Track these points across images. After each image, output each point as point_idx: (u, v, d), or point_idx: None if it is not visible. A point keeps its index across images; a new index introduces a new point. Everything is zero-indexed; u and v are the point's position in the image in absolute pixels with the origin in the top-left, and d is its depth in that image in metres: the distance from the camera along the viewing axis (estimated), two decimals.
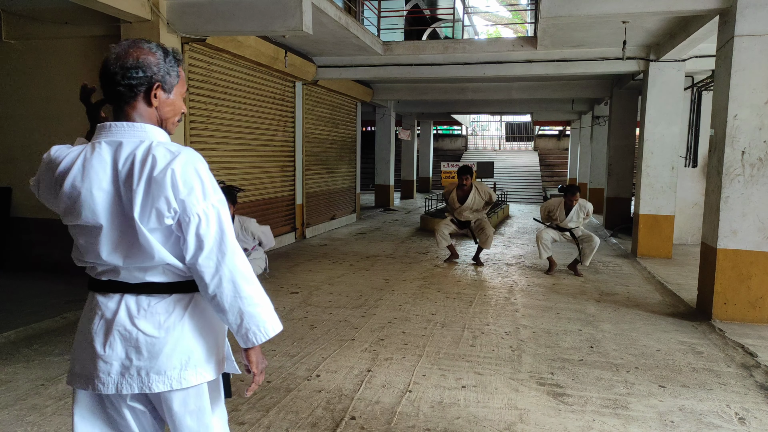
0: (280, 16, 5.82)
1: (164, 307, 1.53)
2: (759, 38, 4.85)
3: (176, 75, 1.59)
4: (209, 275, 1.48)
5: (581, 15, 5.71)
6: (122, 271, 1.52)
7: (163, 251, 1.48)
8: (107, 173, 1.47)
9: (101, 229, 1.48)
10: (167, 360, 1.51)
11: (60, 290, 5.74)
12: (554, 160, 26.89)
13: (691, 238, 9.74)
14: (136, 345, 1.50)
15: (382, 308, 5.40)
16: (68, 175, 1.49)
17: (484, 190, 7.63)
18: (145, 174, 1.43)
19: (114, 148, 1.49)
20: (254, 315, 1.53)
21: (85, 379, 1.54)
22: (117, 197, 1.47)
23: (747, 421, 3.15)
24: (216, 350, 1.61)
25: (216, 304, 1.51)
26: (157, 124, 1.57)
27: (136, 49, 1.51)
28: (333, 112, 11.81)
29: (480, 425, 3.04)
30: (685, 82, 8.68)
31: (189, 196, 1.45)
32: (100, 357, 1.51)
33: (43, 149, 6.65)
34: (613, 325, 4.96)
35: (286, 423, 3.02)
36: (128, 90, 1.50)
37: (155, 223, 1.45)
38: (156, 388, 1.51)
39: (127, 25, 5.97)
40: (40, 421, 3.03)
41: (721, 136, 5.07)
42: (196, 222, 1.46)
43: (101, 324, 1.53)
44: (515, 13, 27.70)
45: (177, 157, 1.46)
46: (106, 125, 1.53)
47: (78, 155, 1.51)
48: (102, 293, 1.55)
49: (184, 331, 1.54)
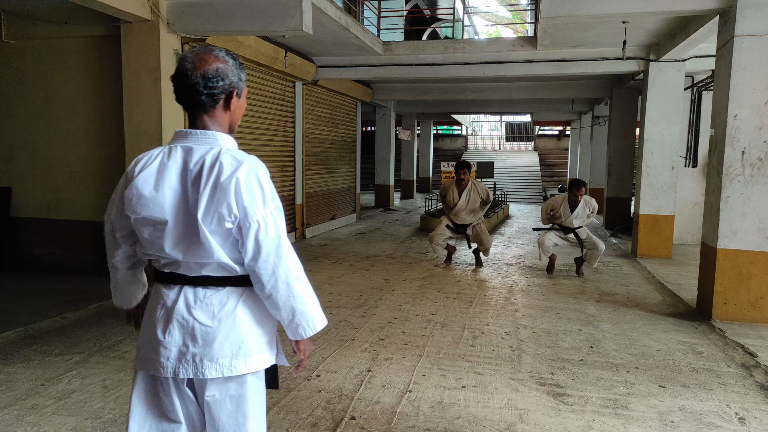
0: (280, 16, 5.82)
1: (218, 299, 1.63)
2: (759, 38, 4.85)
3: (244, 80, 1.71)
4: (266, 277, 1.58)
5: (581, 15, 5.71)
6: (182, 264, 1.63)
7: (219, 251, 1.58)
8: (178, 174, 1.59)
9: (166, 224, 1.59)
10: (219, 348, 1.61)
11: (60, 290, 5.74)
12: (554, 160, 26.89)
13: (691, 238, 9.74)
14: (192, 333, 1.61)
15: (382, 308, 5.40)
16: (145, 171, 1.61)
17: (482, 188, 7.46)
18: (212, 179, 1.54)
19: (186, 152, 1.61)
20: (304, 312, 1.65)
21: (149, 363, 1.66)
22: (184, 197, 1.58)
23: (747, 421, 3.15)
24: (265, 342, 1.70)
25: (271, 302, 1.63)
26: (228, 126, 1.69)
27: (212, 58, 1.60)
28: (333, 112, 11.81)
29: (480, 425, 3.04)
30: (685, 82, 8.68)
31: (250, 203, 1.55)
32: (161, 343, 1.63)
33: (43, 149, 6.67)
34: (613, 325, 4.96)
35: (286, 423, 3.02)
36: (210, 99, 1.61)
37: (216, 225, 1.56)
38: (209, 374, 1.60)
39: (127, 25, 5.97)
40: (40, 421, 3.03)
41: (721, 136, 5.07)
42: (256, 228, 1.56)
43: (163, 312, 1.65)
44: (515, 13, 27.70)
45: (241, 165, 1.56)
46: (183, 131, 1.65)
47: (158, 155, 1.64)
48: (164, 284, 1.68)
49: (235, 322, 1.63)
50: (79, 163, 6.58)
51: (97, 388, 3.46)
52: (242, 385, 1.66)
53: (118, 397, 3.32)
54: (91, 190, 6.58)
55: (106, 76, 6.35)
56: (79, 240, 6.65)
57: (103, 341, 4.33)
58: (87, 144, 6.54)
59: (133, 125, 6.14)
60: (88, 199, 6.55)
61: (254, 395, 1.69)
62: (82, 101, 6.50)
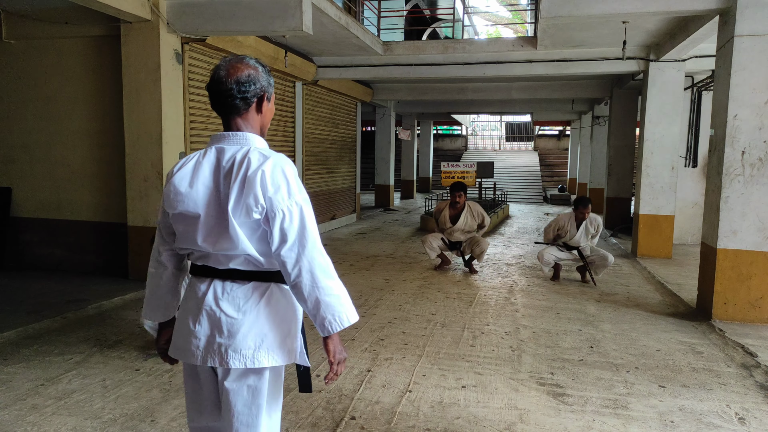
0: (280, 16, 5.82)
1: (243, 292, 1.72)
2: (759, 38, 4.85)
3: (273, 84, 1.84)
4: (291, 265, 1.64)
5: (581, 15, 5.71)
6: (212, 257, 1.72)
7: (246, 243, 1.66)
8: (211, 172, 1.71)
9: (199, 218, 1.69)
10: (243, 340, 1.68)
11: (60, 290, 5.74)
12: (554, 160, 26.89)
13: (691, 238, 9.74)
14: (219, 324, 1.70)
15: (382, 308, 5.40)
16: (182, 170, 1.74)
17: (478, 211, 7.09)
18: (241, 173, 1.65)
19: (219, 152, 1.73)
20: (330, 305, 1.66)
21: (181, 351, 1.77)
22: (216, 192, 1.69)
23: (747, 421, 3.15)
24: (288, 339, 1.75)
25: (297, 292, 1.67)
26: (259, 128, 1.81)
27: (244, 65, 1.74)
28: (333, 112, 11.81)
29: (480, 425, 3.04)
30: (685, 82, 8.68)
31: (276, 194, 1.64)
32: (192, 332, 1.73)
33: (43, 149, 6.67)
34: (613, 325, 4.96)
35: (286, 423, 3.02)
36: (243, 102, 1.73)
37: (245, 217, 1.64)
38: (232, 364, 1.67)
39: (127, 25, 5.97)
40: (40, 421, 3.03)
41: (721, 136, 5.07)
42: (281, 217, 1.64)
43: (194, 304, 1.75)
44: (515, 13, 27.70)
45: (267, 160, 1.66)
46: (218, 135, 1.76)
47: (195, 156, 1.77)
48: (197, 277, 1.78)
49: (259, 316, 1.71)
50: (79, 163, 6.58)
51: (97, 388, 3.46)
52: (261, 378, 1.73)
53: (118, 397, 3.33)
54: (91, 190, 6.58)
55: (106, 76, 6.35)
56: (79, 240, 6.65)
57: (103, 341, 4.33)
58: (87, 144, 6.54)
59: (133, 125, 6.14)
60: (88, 199, 6.55)
61: (271, 389, 1.76)
62: (82, 101, 6.50)
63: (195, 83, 6.80)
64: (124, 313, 5.11)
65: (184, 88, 6.52)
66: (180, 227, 1.75)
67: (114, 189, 6.46)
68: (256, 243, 1.68)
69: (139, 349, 4.17)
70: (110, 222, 6.52)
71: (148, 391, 3.41)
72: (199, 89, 6.91)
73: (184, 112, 6.53)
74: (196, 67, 6.82)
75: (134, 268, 6.33)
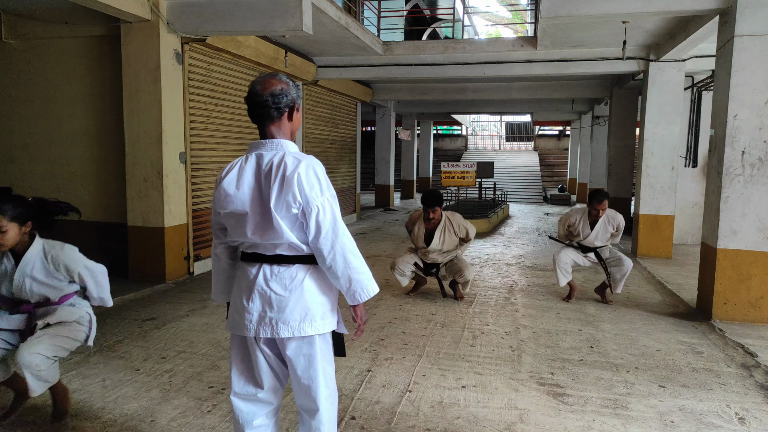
0: (280, 16, 5.83)
1: (289, 273, 2.03)
2: (759, 38, 4.85)
3: (301, 96, 2.10)
4: (326, 251, 1.96)
5: (581, 15, 5.71)
6: (260, 246, 2.03)
7: (289, 233, 1.97)
8: (253, 175, 2.01)
9: (247, 215, 2.00)
10: (291, 313, 2.00)
11: None
12: (554, 160, 26.89)
13: (691, 238, 9.74)
14: (269, 301, 2.01)
15: (382, 308, 5.40)
16: (229, 175, 2.03)
17: (459, 224, 5.63)
18: (279, 175, 1.94)
19: (259, 157, 2.02)
20: (359, 281, 2.02)
21: (236, 325, 2.08)
22: (259, 192, 1.99)
23: (747, 421, 3.15)
24: (329, 311, 2.09)
25: (331, 273, 2.00)
26: (290, 133, 2.10)
27: (277, 80, 2.03)
28: (333, 112, 11.81)
29: (480, 425, 3.04)
30: (685, 82, 8.68)
31: (310, 192, 1.93)
32: (245, 309, 2.04)
33: (43, 149, 6.65)
34: (613, 325, 4.96)
35: (287, 423, 3.02)
36: (277, 111, 2.02)
37: (285, 212, 1.94)
38: (282, 334, 2.00)
39: (127, 25, 5.97)
40: (40, 420, 3.03)
41: (721, 136, 5.07)
42: (316, 212, 1.94)
43: (246, 285, 2.07)
44: (515, 13, 27.70)
45: (301, 162, 1.95)
46: (256, 142, 2.06)
47: (238, 162, 2.05)
48: (248, 262, 2.09)
49: (303, 292, 2.02)
50: (79, 163, 6.58)
51: (97, 388, 3.46)
52: (311, 345, 2.05)
53: (118, 397, 3.32)
54: (91, 190, 6.58)
55: (106, 76, 6.35)
56: (80, 240, 6.59)
57: (103, 341, 4.33)
58: (87, 144, 6.54)
59: (133, 125, 6.14)
60: (89, 199, 6.54)
61: (322, 354, 2.08)
62: (82, 101, 6.50)
63: (195, 83, 6.80)
64: (124, 313, 5.11)
65: (184, 88, 6.52)
66: (231, 223, 2.05)
67: (114, 189, 6.46)
68: (297, 233, 1.98)
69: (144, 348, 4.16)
70: (110, 222, 6.52)
71: (148, 391, 3.41)
72: (199, 89, 6.91)
73: (184, 112, 6.53)
74: (196, 67, 6.82)
75: (134, 268, 6.33)
